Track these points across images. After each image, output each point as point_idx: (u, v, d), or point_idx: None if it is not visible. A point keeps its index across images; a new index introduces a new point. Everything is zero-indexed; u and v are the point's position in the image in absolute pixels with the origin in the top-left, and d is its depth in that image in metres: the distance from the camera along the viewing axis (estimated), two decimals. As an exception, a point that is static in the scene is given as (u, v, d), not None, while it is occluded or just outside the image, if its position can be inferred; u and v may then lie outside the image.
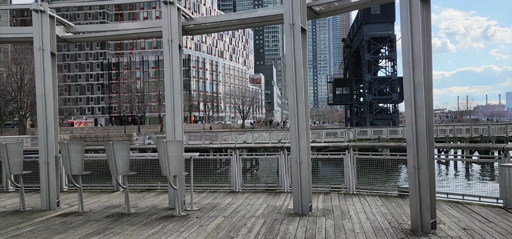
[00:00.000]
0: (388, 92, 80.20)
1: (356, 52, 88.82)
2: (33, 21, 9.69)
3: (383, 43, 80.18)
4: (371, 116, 78.53)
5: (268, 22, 10.98)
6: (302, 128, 8.51)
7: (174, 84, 9.46)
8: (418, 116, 6.84)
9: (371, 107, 79.77)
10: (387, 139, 48.35)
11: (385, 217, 8.01)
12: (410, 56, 6.91)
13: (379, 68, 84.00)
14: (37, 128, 9.93)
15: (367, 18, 79.44)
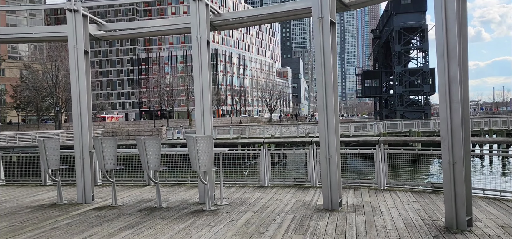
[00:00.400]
0: (420, 84, 78.14)
1: (386, 44, 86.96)
2: (67, 21, 9.95)
3: (414, 34, 78.14)
4: (401, 109, 76.78)
5: (297, 16, 10.88)
6: (331, 122, 8.41)
7: (203, 81, 9.52)
8: (454, 110, 6.63)
9: (401, 100, 78.00)
10: (418, 132, 47.19)
11: (418, 213, 7.83)
12: (445, 48, 6.69)
13: (410, 59, 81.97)
14: (71, 123, 10.22)
15: (397, 8, 77.55)
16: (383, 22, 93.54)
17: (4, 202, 10.48)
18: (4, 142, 44.44)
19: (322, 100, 8.46)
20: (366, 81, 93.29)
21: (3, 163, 14.17)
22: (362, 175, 11.32)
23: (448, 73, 6.67)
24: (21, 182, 13.78)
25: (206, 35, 9.52)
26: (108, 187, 11.77)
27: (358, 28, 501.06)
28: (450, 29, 6.67)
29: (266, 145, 12.07)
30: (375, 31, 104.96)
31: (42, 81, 75.25)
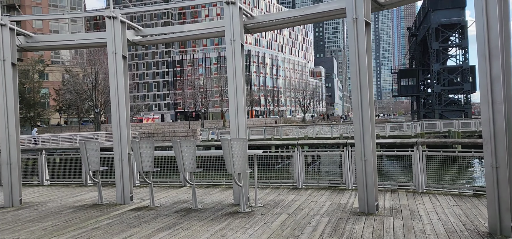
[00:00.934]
0: (459, 83, 75.52)
1: (423, 41, 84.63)
2: (106, 27, 10.25)
3: (453, 31, 75.69)
4: (440, 108, 74.46)
5: (330, 17, 10.76)
6: (367, 123, 8.25)
7: (237, 83, 9.57)
8: (496, 112, 6.36)
9: (440, 99, 75.65)
10: (458, 133, 45.50)
11: (459, 218, 7.56)
12: (486, 46, 6.43)
13: (448, 57, 79.43)
14: (110, 124, 10.52)
15: (434, 5, 75.29)
16: (420, 19, 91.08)
17: (49, 202, 10.91)
18: (48, 144, 46.29)
19: (357, 101, 8.32)
20: (403, 80, 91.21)
21: (47, 164, 14.72)
22: (399, 177, 11.02)
23: (490, 73, 6.41)
24: (64, 182, 14.26)
25: (240, 38, 9.57)
26: (145, 188, 12.03)
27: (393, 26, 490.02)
28: (492, 26, 6.41)
29: (300, 146, 11.99)
30: (412, 28, 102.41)
31: (83, 84, 77.86)
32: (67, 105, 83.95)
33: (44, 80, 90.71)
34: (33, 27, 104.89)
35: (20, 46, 11.20)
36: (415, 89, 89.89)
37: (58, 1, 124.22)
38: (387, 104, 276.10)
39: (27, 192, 12.30)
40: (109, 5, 10.31)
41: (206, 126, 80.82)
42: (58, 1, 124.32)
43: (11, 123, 10.54)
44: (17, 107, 10.86)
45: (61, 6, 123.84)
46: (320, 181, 11.80)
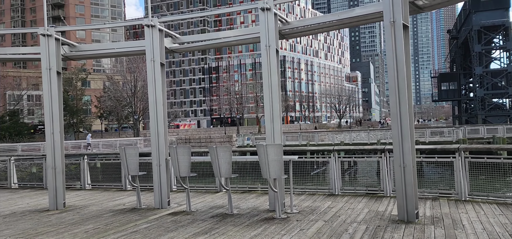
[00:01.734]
0: (504, 86, 72.28)
1: (464, 44, 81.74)
2: (145, 35, 10.51)
3: (497, 32, 72.60)
4: (483, 113, 71.39)
5: (367, 21, 10.60)
6: (406, 128, 8.04)
7: (273, 89, 9.57)
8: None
9: (483, 103, 72.60)
10: (504, 138, 43.49)
11: (505, 227, 7.20)
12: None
13: (491, 60, 76.27)
14: (148, 130, 10.73)
15: (476, 6, 72.44)
16: (461, 21, 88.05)
17: (90, 205, 11.26)
18: (90, 149, 47.94)
19: (395, 106, 8.12)
20: (443, 84, 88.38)
21: (89, 168, 15.22)
22: (440, 184, 10.64)
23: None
24: (104, 186, 14.68)
25: (275, 44, 9.57)
26: (182, 193, 12.18)
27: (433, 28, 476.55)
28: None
29: (336, 152, 11.82)
30: (452, 31, 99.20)
31: (122, 91, 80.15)
32: (107, 112, 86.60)
33: (86, 88, 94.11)
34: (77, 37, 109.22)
35: (64, 55, 11.65)
36: (456, 93, 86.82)
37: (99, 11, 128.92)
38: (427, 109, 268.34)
39: (70, 196, 12.69)
40: (148, 14, 10.58)
41: (241, 132, 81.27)
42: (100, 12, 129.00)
43: (56, 129, 10.96)
44: (61, 114, 11.27)
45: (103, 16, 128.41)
46: (357, 188, 11.57)
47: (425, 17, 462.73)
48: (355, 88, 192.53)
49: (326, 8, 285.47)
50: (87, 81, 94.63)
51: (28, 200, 12.73)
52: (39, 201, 12.34)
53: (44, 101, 11.11)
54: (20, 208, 11.37)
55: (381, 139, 45.27)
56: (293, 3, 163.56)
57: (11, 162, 16.10)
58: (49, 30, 10.87)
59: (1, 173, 17.06)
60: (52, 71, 10.92)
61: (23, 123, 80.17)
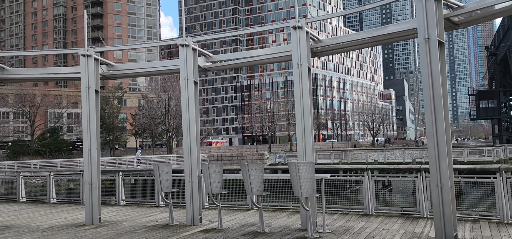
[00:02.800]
0: (546, 104, 69.18)
1: (503, 60, 78.96)
2: (179, 55, 10.74)
3: (538, 48, 69.94)
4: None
5: (401, 38, 10.46)
6: (443, 148, 7.79)
7: (304, 107, 9.53)
8: None
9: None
10: (547, 159, 41.45)
11: (550, 252, 6.83)
12: None
13: (533, 76, 73.29)
14: (181, 147, 10.85)
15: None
16: (499, 37, 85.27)
17: (124, 221, 11.45)
18: (125, 165, 48.97)
19: (431, 125, 7.91)
20: (481, 102, 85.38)
21: (123, 184, 15.50)
22: (481, 206, 10.20)
23: None
24: (138, 202, 14.90)
25: (307, 62, 9.57)
26: (214, 210, 12.20)
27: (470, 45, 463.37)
28: None
29: (370, 171, 11.58)
30: (490, 47, 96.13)
31: (156, 109, 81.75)
32: (142, 129, 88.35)
33: (122, 106, 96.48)
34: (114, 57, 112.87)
35: (102, 74, 12.03)
36: (496, 111, 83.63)
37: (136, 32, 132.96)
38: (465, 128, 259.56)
39: (105, 211, 12.94)
40: (182, 34, 10.82)
41: (273, 150, 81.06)
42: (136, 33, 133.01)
43: (93, 146, 11.28)
44: (99, 131, 11.59)
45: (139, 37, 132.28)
46: (392, 208, 11.25)
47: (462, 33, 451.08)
48: (389, 106, 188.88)
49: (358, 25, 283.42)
50: (123, 100, 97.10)
51: (65, 214, 13.08)
52: (76, 215, 12.65)
53: (83, 119, 11.47)
54: (58, 222, 11.69)
55: (417, 158, 44.00)
56: (325, 21, 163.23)
57: (50, 178, 16.62)
58: (88, 51, 11.27)
59: (41, 188, 17.61)
60: (91, 90, 11.28)
61: (63, 139, 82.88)
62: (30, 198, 16.86)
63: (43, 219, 12.29)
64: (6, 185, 18.87)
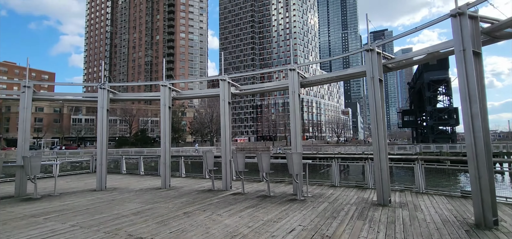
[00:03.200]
0: (446, 119, 67.57)
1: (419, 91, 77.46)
2: (220, 85, 10.77)
3: (441, 84, 68.41)
4: (433, 136, 66.84)
5: (355, 77, 10.30)
6: (381, 145, 7.68)
7: (296, 118, 9.46)
8: (477, 138, 5.60)
9: (432, 129, 68.00)
10: (447, 153, 40.38)
11: (451, 212, 6.63)
12: (467, 94, 5.75)
13: (437, 101, 71.57)
14: (219, 142, 10.84)
15: (426, 68, 68.97)
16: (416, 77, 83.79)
17: (184, 187, 11.48)
18: (185, 152, 49.17)
19: (375, 130, 7.81)
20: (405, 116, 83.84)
21: (184, 164, 15.54)
22: (405, 182, 9.98)
23: (470, 112, 5.69)
24: (192, 176, 14.86)
25: (298, 90, 9.55)
26: (239, 182, 12.11)
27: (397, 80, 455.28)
28: (470, 81, 5.73)
29: (336, 159, 11.44)
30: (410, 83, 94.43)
31: (204, 119, 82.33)
32: (195, 130, 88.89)
33: (183, 116, 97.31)
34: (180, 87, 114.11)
35: (173, 97, 12.17)
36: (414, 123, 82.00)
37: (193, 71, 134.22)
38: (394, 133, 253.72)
39: (173, 180, 13.00)
40: (221, 72, 10.89)
41: (275, 145, 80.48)
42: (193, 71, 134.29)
43: (167, 140, 11.39)
44: (169, 131, 11.70)
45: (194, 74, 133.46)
46: (350, 182, 11.07)
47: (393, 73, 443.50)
48: (348, 119, 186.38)
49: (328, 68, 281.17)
50: (184, 112, 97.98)
51: (149, 181, 13.19)
52: (155, 182, 12.74)
53: (161, 123, 11.60)
54: (144, 186, 11.80)
55: (365, 151, 43.27)
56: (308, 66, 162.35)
57: (140, 159, 16.80)
58: (165, 83, 11.43)
59: (134, 165, 17.76)
60: (166, 107, 11.42)
61: (148, 136, 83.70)
62: (128, 171, 17.06)
63: (136, 184, 12.44)
64: (114, 163, 19.09)
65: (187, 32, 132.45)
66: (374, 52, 7.96)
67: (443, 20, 6.55)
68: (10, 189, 10.98)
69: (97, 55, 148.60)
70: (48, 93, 13.42)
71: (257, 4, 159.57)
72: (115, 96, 12.10)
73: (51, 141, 78.33)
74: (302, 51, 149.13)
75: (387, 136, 8.50)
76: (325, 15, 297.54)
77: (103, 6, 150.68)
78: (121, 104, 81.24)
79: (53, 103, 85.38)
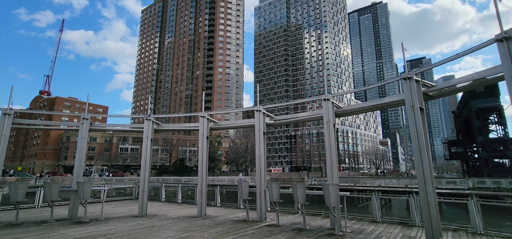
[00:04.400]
0: (502, 151, 60.04)
1: (466, 120, 70.79)
2: (255, 116, 10.93)
3: (491, 112, 61.95)
4: (487, 170, 59.41)
5: (393, 106, 9.75)
6: (428, 177, 6.99)
7: (332, 148, 9.11)
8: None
9: (486, 162, 60.69)
10: (507, 188, 35.40)
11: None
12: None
13: (489, 131, 64.43)
14: (254, 172, 10.74)
15: (472, 95, 63.28)
16: (462, 105, 77.14)
17: (219, 216, 11.40)
18: (219, 182, 49.54)
19: (418, 162, 7.18)
20: (452, 147, 76.50)
21: (220, 194, 15.56)
22: (458, 220, 8.83)
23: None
24: (227, 205, 14.77)
25: (333, 120, 9.27)
26: (274, 213, 11.78)
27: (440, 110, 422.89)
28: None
29: (376, 192, 10.62)
30: (456, 112, 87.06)
31: (239, 149, 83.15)
32: (231, 160, 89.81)
33: (219, 146, 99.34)
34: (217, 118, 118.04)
35: (211, 127, 12.51)
36: (463, 155, 74.19)
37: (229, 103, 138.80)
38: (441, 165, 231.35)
39: (208, 209, 13.01)
40: (256, 103, 11.05)
41: (310, 176, 77.85)
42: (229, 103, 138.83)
43: (204, 169, 11.56)
44: (207, 161, 11.91)
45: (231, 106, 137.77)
46: (393, 218, 10.11)
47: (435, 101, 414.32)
48: (387, 150, 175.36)
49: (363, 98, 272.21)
50: (220, 142, 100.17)
51: (186, 210, 13.35)
52: (192, 211, 12.84)
53: (198, 153, 11.90)
54: (181, 214, 11.94)
55: (408, 184, 39.78)
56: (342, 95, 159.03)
57: (179, 187, 17.22)
58: (203, 113, 11.88)
59: (173, 193, 18.19)
60: (204, 137, 11.73)
61: (186, 165, 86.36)
62: (167, 198, 17.48)
63: (174, 211, 12.65)
64: (154, 190, 19.75)
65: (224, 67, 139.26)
66: (412, 80, 7.55)
67: (487, 46, 6.10)
68: (64, 212, 11.83)
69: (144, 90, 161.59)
70: (101, 124, 14.69)
71: (290, 39, 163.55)
72: (158, 127, 12.80)
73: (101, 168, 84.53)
74: (335, 81, 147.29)
75: (433, 168, 7.74)
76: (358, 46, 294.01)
77: (152, 47, 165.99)
78: (163, 135, 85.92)
79: (105, 134, 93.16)
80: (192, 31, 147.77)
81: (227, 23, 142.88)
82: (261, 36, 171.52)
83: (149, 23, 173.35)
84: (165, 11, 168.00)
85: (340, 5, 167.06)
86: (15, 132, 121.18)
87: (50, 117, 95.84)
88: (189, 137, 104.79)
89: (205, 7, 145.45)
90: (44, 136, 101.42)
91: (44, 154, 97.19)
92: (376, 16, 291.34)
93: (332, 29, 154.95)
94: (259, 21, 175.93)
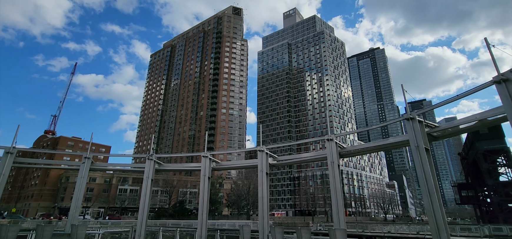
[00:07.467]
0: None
1: (474, 163, 69.55)
2: (258, 156, 10.86)
3: (498, 155, 60.98)
4: (502, 216, 56.82)
5: (397, 146, 9.77)
6: (440, 223, 6.68)
7: (337, 191, 8.89)
8: None
9: (501, 207, 58.31)
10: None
11: None
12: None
13: (499, 174, 62.87)
14: (257, 216, 10.37)
15: (477, 137, 62.91)
16: (467, 147, 76.34)
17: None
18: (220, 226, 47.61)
19: (429, 206, 6.92)
20: (463, 191, 74.16)
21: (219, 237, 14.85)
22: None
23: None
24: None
25: (337, 161, 9.17)
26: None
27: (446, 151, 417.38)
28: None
29: (386, 238, 10.10)
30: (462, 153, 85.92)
31: (241, 191, 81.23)
32: (232, 203, 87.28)
33: (221, 188, 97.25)
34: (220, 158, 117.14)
35: (213, 168, 12.41)
36: (475, 199, 71.59)
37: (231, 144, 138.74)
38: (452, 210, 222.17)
39: (209, 255, 12.36)
40: (259, 144, 11.06)
41: (315, 220, 74.76)
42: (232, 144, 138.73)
43: (204, 211, 11.23)
44: (208, 203, 11.60)
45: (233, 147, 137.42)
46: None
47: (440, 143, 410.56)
48: (394, 193, 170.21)
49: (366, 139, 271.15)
50: (222, 184, 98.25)
51: (185, 256, 12.67)
52: (191, 257, 12.19)
53: (200, 194, 11.64)
54: (180, 260, 11.31)
55: (420, 231, 37.83)
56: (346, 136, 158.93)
57: (177, 231, 16.55)
58: (206, 153, 11.84)
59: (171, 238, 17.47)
60: (206, 177, 11.60)
61: (186, 208, 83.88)
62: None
63: (172, 258, 12.00)
64: (151, 235, 19.00)
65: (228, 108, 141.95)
66: (415, 120, 7.61)
67: (486, 87, 6.34)
68: (57, 257, 11.26)
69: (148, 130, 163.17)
70: (102, 164, 14.63)
71: (292, 81, 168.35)
72: (160, 166, 12.71)
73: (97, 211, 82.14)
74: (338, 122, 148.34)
75: (444, 213, 7.45)
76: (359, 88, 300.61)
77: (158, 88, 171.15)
78: (163, 175, 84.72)
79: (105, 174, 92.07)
80: (198, 73, 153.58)
81: (232, 66, 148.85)
82: (264, 79, 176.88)
83: (157, 66, 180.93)
84: (173, 55, 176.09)
85: (339, 50, 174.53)
86: (15, 171, 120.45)
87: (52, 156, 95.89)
88: (190, 178, 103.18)
89: (211, 52, 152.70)
90: (44, 175, 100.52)
91: (41, 195, 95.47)
92: (375, 61, 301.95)
93: (333, 72, 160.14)
94: (262, 65, 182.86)
